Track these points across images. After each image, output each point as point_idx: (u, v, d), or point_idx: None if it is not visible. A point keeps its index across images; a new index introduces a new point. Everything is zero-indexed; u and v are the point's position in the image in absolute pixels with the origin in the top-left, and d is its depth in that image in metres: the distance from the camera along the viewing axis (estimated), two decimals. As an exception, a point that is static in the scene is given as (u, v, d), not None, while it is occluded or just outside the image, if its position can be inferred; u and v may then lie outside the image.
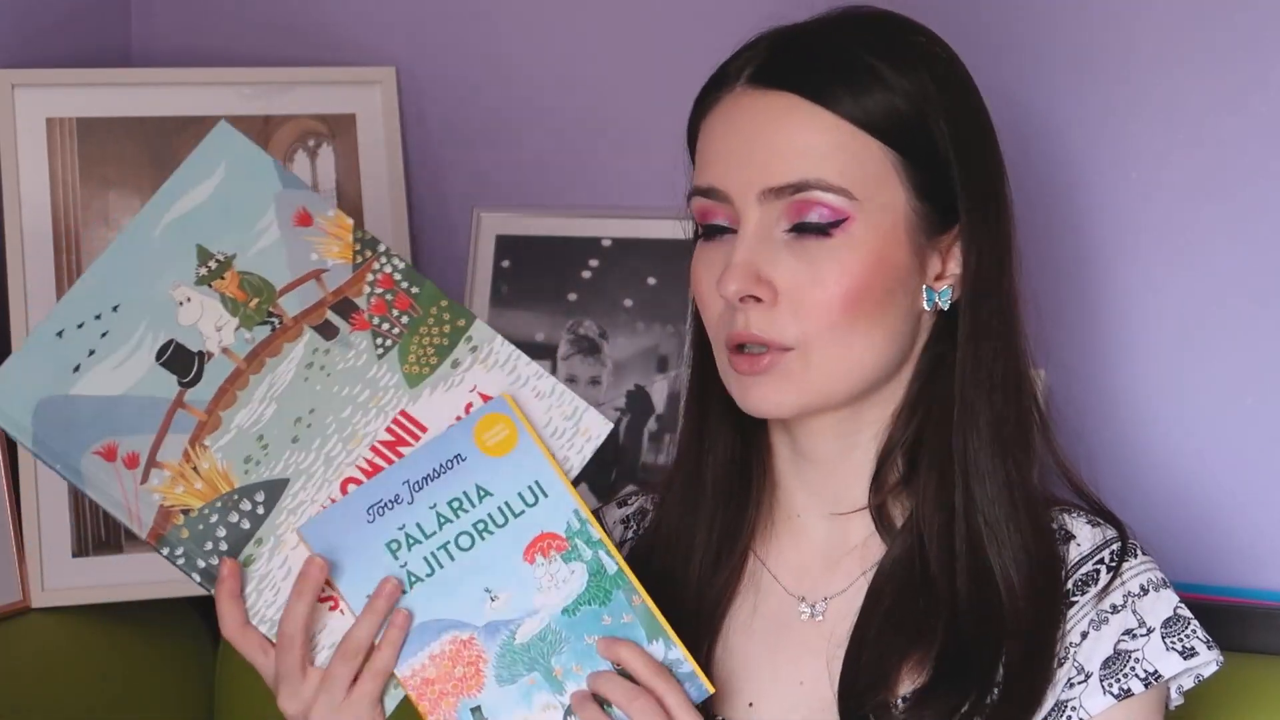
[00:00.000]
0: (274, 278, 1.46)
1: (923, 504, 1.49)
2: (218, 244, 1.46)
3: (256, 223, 1.46)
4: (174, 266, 1.46)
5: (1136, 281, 1.89)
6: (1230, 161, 1.85)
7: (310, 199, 1.47)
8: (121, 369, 1.45)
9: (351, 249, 1.46)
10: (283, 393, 1.45)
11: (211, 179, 1.46)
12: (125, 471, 1.45)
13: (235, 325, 1.45)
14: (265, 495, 1.45)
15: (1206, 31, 1.85)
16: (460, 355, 1.46)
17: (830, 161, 1.44)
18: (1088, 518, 1.51)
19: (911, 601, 1.47)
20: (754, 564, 1.55)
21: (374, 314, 1.46)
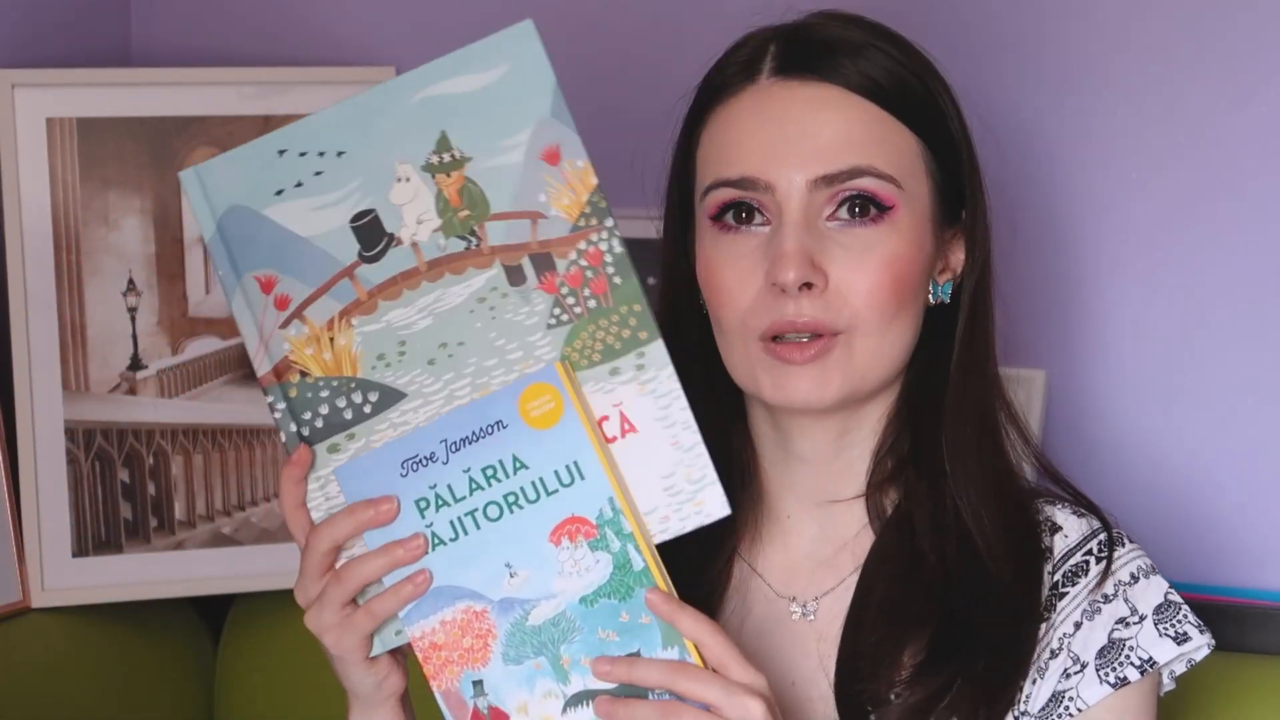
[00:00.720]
0: (495, 199, 1.39)
1: (913, 497, 1.50)
2: (461, 139, 1.39)
3: (508, 138, 1.39)
4: (411, 140, 1.39)
5: (1137, 282, 1.89)
6: (1231, 161, 1.85)
7: (568, 138, 1.38)
8: (317, 214, 1.40)
9: (580, 208, 1.38)
10: (445, 312, 1.39)
11: (488, 73, 1.39)
12: (273, 309, 1.41)
13: (436, 225, 1.39)
14: (379, 397, 1.40)
15: (1207, 32, 1.85)
16: (623, 366, 1.38)
17: (877, 150, 1.46)
18: (1071, 508, 1.52)
19: (904, 589, 1.48)
20: (741, 568, 1.55)
21: (566, 283, 1.38)
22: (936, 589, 1.47)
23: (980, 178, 1.53)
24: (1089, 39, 1.89)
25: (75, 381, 2.02)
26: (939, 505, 1.49)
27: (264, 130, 2.10)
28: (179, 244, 2.08)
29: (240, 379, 2.09)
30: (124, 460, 2.04)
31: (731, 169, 1.47)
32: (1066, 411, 1.91)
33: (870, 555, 1.51)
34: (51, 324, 2.02)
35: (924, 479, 1.50)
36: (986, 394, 1.52)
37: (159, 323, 2.07)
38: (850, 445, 1.52)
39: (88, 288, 2.04)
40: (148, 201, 2.07)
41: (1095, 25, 1.89)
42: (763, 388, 1.48)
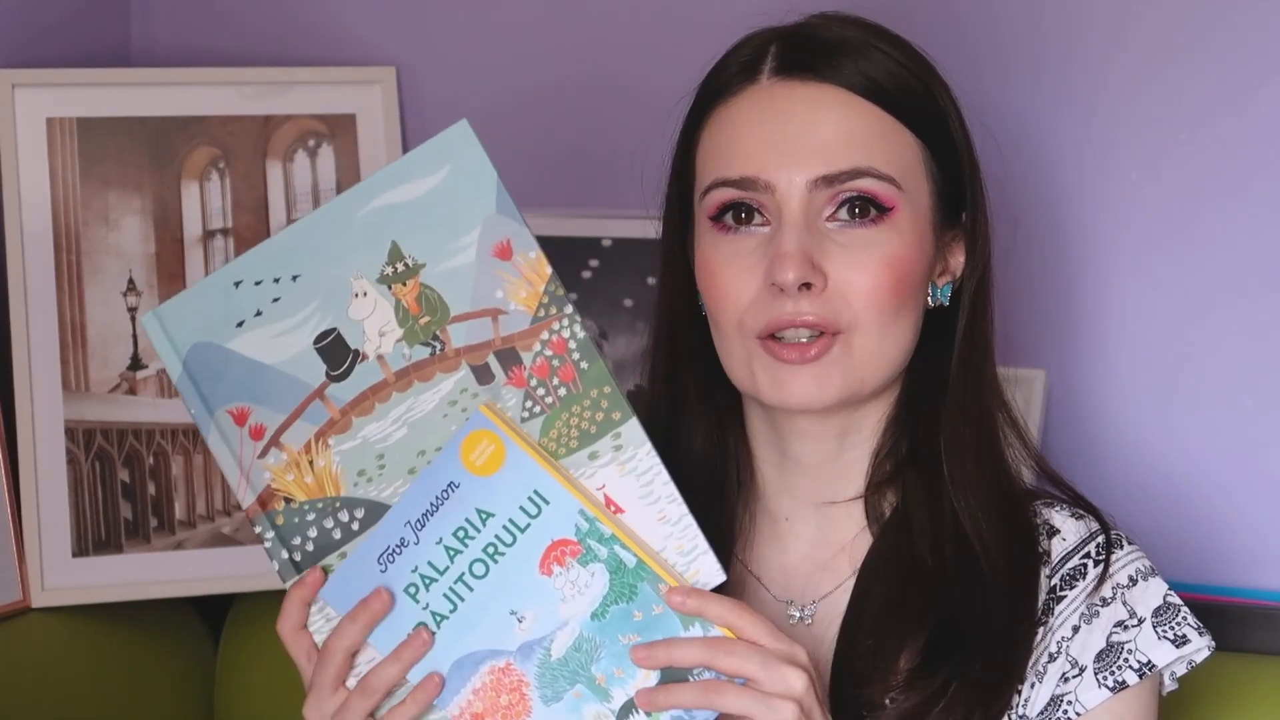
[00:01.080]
0: (453, 302, 1.40)
1: (910, 498, 1.50)
2: (412, 246, 1.41)
3: (458, 238, 1.40)
4: (363, 254, 1.41)
5: (1136, 282, 1.89)
6: (1231, 162, 1.85)
7: (517, 232, 1.40)
8: (281, 339, 1.42)
9: (538, 299, 1.40)
10: (418, 420, 1.41)
11: (430, 178, 1.40)
12: (249, 440, 1.42)
13: (399, 336, 1.41)
14: (365, 513, 1.42)
15: (1207, 33, 1.85)
16: (601, 449, 1.39)
17: (879, 150, 1.45)
18: (1070, 510, 1.52)
19: (901, 593, 1.48)
20: (739, 570, 1.55)
21: (534, 375, 1.40)
22: (933, 592, 1.47)
23: (981, 180, 1.52)
24: (1089, 39, 1.89)
25: (75, 381, 2.02)
26: (936, 508, 1.49)
27: (263, 130, 2.10)
28: (179, 244, 2.08)
29: (240, 379, 2.09)
30: (124, 460, 2.04)
31: (731, 169, 1.47)
32: (1066, 411, 1.91)
33: (868, 558, 1.51)
34: (51, 324, 2.02)
35: (922, 481, 1.50)
36: (985, 397, 1.51)
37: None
38: (849, 448, 1.52)
39: (88, 288, 2.04)
40: (148, 201, 2.07)
41: (1095, 25, 1.89)
42: (761, 387, 1.47)
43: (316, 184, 2.11)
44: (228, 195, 2.10)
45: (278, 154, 2.11)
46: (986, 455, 1.50)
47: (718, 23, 1.55)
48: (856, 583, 1.50)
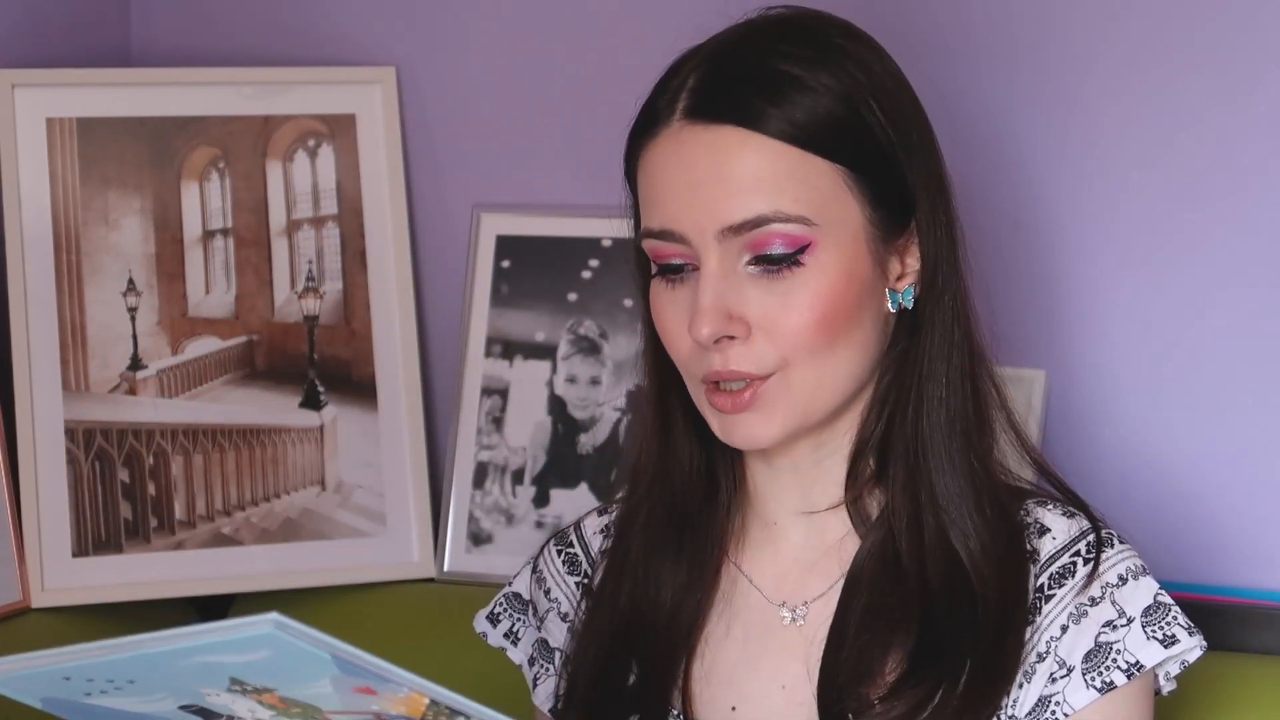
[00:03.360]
0: (324, 704, 1.22)
1: (893, 497, 1.49)
2: (255, 680, 1.20)
3: (309, 686, 1.20)
4: (202, 681, 1.21)
5: (1136, 281, 1.89)
6: (1230, 160, 1.85)
7: (378, 684, 1.18)
8: (142, 705, 1.25)
9: (421, 712, 1.20)
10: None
11: (251, 654, 1.17)
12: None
13: (274, 714, 1.23)
14: None
15: (1206, 30, 1.85)
16: None
17: (784, 191, 1.42)
18: (1062, 509, 1.51)
19: (888, 595, 1.47)
20: (732, 572, 1.54)
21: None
22: (919, 595, 1.46)
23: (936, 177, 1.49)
24: (1087, 37, 1.89)
25: (75, 381, 2.02)
26: (916, 508, 1.48)
27: (263, 130, 2.10)
28: (179, 244, 2.08)
29: (240, 379, 2.09)
30: (124, 460, 2.04)
31: (653, 219, 1.46)
32: (1066, 411, 1.91)
33: (854, 561, 1.50)
34: (51, 324, 2.02)
35: (900, 480, 1.49)
36: (957, 393, 1.49)
37: (159, 323, 2.07)
38: (829, 452, 1.51)
39: (88, 288, 2.04)
40: (148, 201, 2.07)
41: (1094, 23, 1.89)
42: (714, 429, 1.48)
43: (316, 184, 2.12)
44: (228, 195, 2.10)
45: (278, 154, 2.11)
46: (963, 452, 1.48)
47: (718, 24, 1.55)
48: (844, 587, 1.50)
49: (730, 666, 1.52)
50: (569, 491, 2.08)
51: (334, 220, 2.12)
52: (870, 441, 1.51)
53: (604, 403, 2.07)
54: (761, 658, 1.52)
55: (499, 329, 2.11)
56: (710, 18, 1.52)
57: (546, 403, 2.10)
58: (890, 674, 1.45)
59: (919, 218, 1.48)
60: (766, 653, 1.52)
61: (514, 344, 2.11)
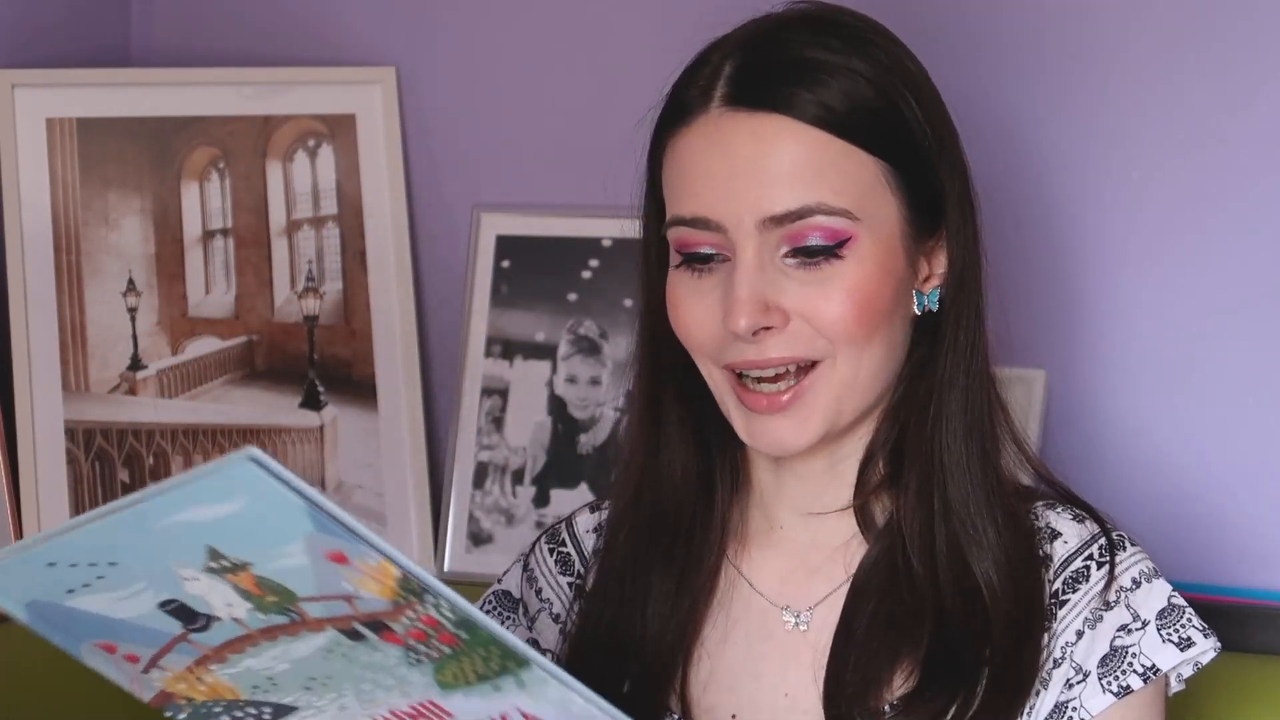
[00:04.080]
0: (298, 588, 1.21)
1: (904, 505, 1.48)
2: (231, 550, 1.20)
3: (281, 548, 1.19)
4: (179, 554, 1.21)
5: (1137, 282, 1.89)
6: (1233, 161, 1.85)
7: (349, 545, 1.18)
8: (122, 603, 1.26)
9: (394, 593, 1.21)
10: (299, 660, 1.27)
11: (226, 504, 1.18)
12: (125, 663, 1.31)
13: (249, 608, 1.23)
14: (273, 710, 1.31)
15: (1208, 31, 1.85)
16: (504, 684, 1.25)
17: (827, 182, 1.41)
18: (1071, 513, 1.50)
19: (897, 602, 1.46)
20: (731, 574, 1.52)
21: (410, 637, 1.23)
22: (929, 603, 1.45)
23: (964, 180, 1.49)
24: (1089, 38, 1.89)
25: (75, 381, 2.02)
26: (928, 515, 1.46)
27: (263, 130, 2.10)
28: (179, 244, 2.08)
29: (240, 379, 2.09)
30: (124, 460, 2.04)
31: (685, 207, 1.43)
32: (1066, 411, 1.91)
33: (861, 567, 1.49)
34: (51, 324, 2.02)
35: (913, 487, 1.47)
36: (975, 401, 1.48)
37: (159, 323, 2.07)
38: (841, 458, 1.50)
39: (88, 288, 2.04)
40: (148, 201, 2.07)
41: (1096, 25, 1.89)
42: (737, 429, 1.46)
43: (316, 184, 2.11)
44: (228, 195, 2.10)
45: (278, 154, 2.11)
46: (977, 460, 1.47)
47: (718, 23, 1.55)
48: (849, 593, 1.48)
49: (731, 673, 1.50)
50: (569, 491, 2.07)
51: (334, 220, 2.12)
52: (883, 446, 1.49)
53: (604, 403, 2.07)
54: (763, 664, 1.50)
55: (499, 329, 2.11)
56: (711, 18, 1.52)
57: (546, 403, 2.10)
58: (898, 683, 1.44)
59: (949, 220, 1.48)
60: (769, 659, 1.50)
61: (514, 344, 2.11)
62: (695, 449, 1.52)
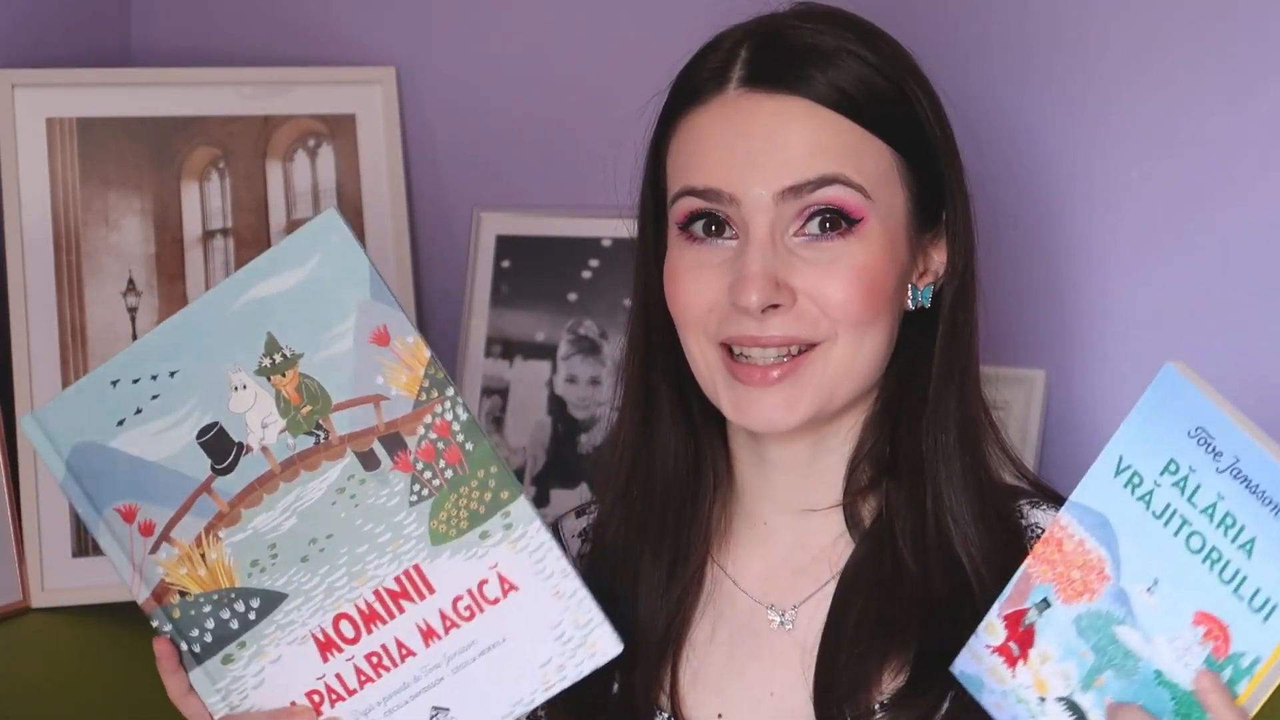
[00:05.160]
0: (333, 390, 1.41)
1: (893, 505, 1.48)
2: (288, 337, 1.41)
3: (333, 326, 1.41)
4: (240, 347, 1.42)
5: (1137, 281, 1.89)
6: (1232, 159, 1.85)
7: (393, 318, 1.41)
8: (162, 436, 1.43)
9: (419, 383, 1.41)
10: (307, 509, 1.42)
11: (301, 269, 1.41)
12: (139, 537, 1.44)
13: (281, 426, 1.42)
14: (260, 603, 1.43)
15: (1208, 31, 1.85)
16: (492, 528, 1.41)
17: (846, 162, 1.43)
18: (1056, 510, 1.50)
19: (885, 601, 1.46)
20: (715, 573, 1.53)
21: (420, 458, 1.41)
22: (919, 603, 1.45)
23: (963, 179, 1.50)
24: (1089, 36, 1.89)
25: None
26: (920, 515, 1.47)
27: (263, 130, 2.10)
28: (179, 244, 2.08)
29: (240, 379, 2.09)
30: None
31: (697, 178, 1.45)
32: (1066, 411, 1.91)
33: (848, 565, 1.49)
34: (51, 324, 2.02)
35: (904, 488, 1.48)
36: (968, 399, 1.49)
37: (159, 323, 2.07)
38: (826, 451, 1.51)
39: (88, 288, 2.04)
40: (148, 201, 2.07)
41: (1096, 25, 1.89)
42: (724, 405, 1.46)
43: (316, 184, 2.11)
44: (228, 195, 2.10)
45: (278, 154, 2.11)
46: (970, 460, 1.48)
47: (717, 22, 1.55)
48: (836, 591, 1.48)
49: (716, 672, 1.51)
50: (569, 491, 2.08)
51: (334, 220, 2.12)
52: (875, 445, 1.50)
53: (604, 403, 2.07)
54: (749, 663, 1.50)
55: (499, 329, 2.11)
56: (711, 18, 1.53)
57: (546, 403, 2.10)
58: (888, 681, 1.45)
59: (950, 218, 1.49)
60: (754, 658, 1.50)
61: (514, 344, 2.11)
62: (687, 439, 1.52)
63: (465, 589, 1.41)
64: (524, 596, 1.41)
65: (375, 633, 1.42)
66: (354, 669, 1.43)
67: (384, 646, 1.42)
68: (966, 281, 1.50)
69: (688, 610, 1.52)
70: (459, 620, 1.42)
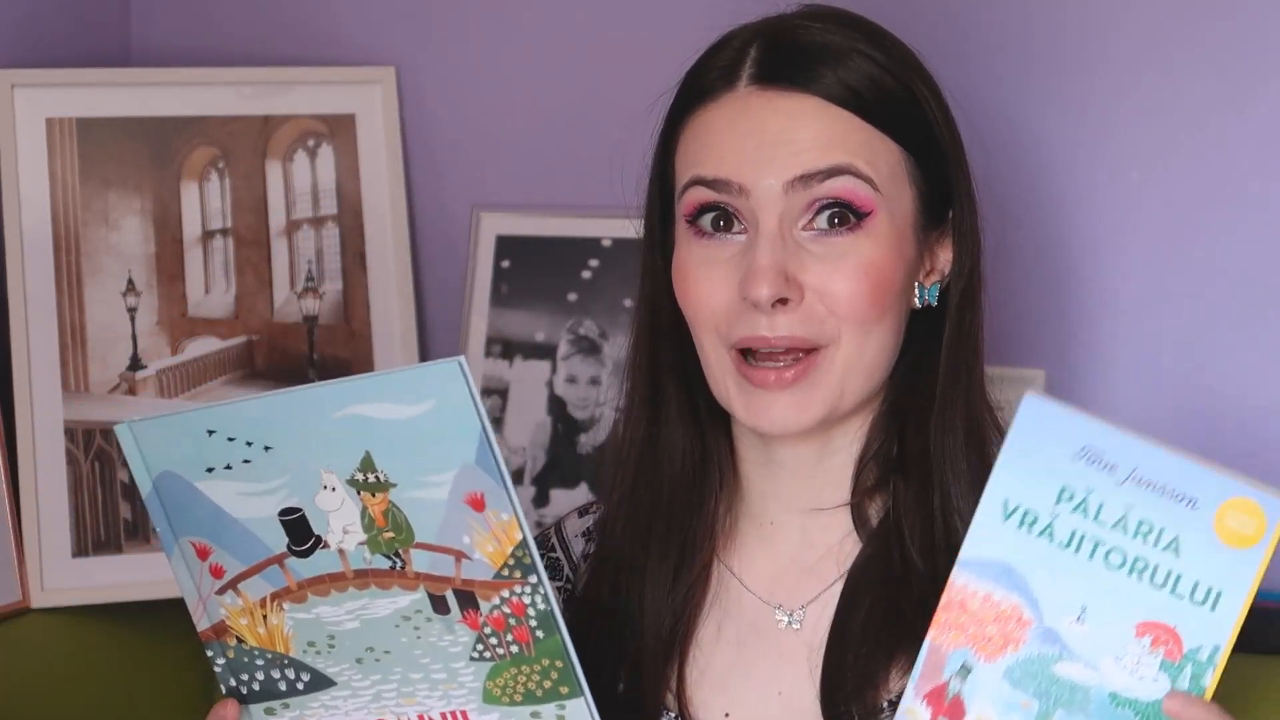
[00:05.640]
0: (419, 529, 1.35)
1: (901, 504, 1.48)
2: (385, 463, 1.34)
3: (432, 475, 1.34)
4: (336, 452, 1.35)
5: (1136, 281, 1.89)
6: (1232, 160, 1.85)
7: (492, 489, 1.32)
8: (247, 499, 1.38)
9: (504, 559, 1.34)
10: (371, 620, 1.38)
11: (414, 407, 1.32)
12: (209, 576, 1.41)
13: (361, 539, 1.36)
14: (310, 679, 1.41)
15: (1208, 31, 1.85)
16: (545, 713, 1.37)
17: (858, 154, 1.44)
18: None
19: (892, 600, 1.46)
20: (721, 572, 1.53)
21: (490, 624, 1.36)
22: (928, 600, 1.45)
23: (969, 178, 1.51)
24: (1090, 38, 1.89)
25: (75, 382, 2.02)
26: (928, 514, 1.47)
27: (263, 130, 2.10)
28: (179, 244, 2.08)
29: (240, 379, 2.09)
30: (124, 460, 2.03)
31: (706, 169, 1.45)
32: (1066, 411, 1.91)
33: (856, 565, 1.49)
34: (51, 324, 2.02)
35: (912, 488, 1.48)
36: (974, 399, 1.49)
37: (158, 323, 2.07)
38: (833, 452, 1.51)
39: (88, 288, 2.04)
40: (148, 201, 2.07)
41: (1096, 25, 1.89)
42: (736, 408, 1.46)
43: (316, 184, 2.11)
44: (227, 195, 2.10)
45: (277, 154, 2.11)
46: (976, 459, 1.48)
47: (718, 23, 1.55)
48: (843, 591, 1.48)
49: (723, 671, 1.51)
50: (569, 491, 2.08)
51: (334, 220, 2.12)
52: (882, 445, 1.50)
53: (604, 403, 2.07)
54: (756, 663, 1.50)
55: (499, 329, 2.11)
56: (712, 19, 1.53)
57: (546, 403, 2.10)
58: (896, 680, 1.44)
59: (956, 218, 1.50)
60: (762, 657, 1.50)
61: (514, 344, 2.11)
62: (695, 437, 1.52)
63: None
64: None
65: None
66: None
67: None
68: (973, 281, 1.50)
69: (693, 610, 1.51)
70: None
